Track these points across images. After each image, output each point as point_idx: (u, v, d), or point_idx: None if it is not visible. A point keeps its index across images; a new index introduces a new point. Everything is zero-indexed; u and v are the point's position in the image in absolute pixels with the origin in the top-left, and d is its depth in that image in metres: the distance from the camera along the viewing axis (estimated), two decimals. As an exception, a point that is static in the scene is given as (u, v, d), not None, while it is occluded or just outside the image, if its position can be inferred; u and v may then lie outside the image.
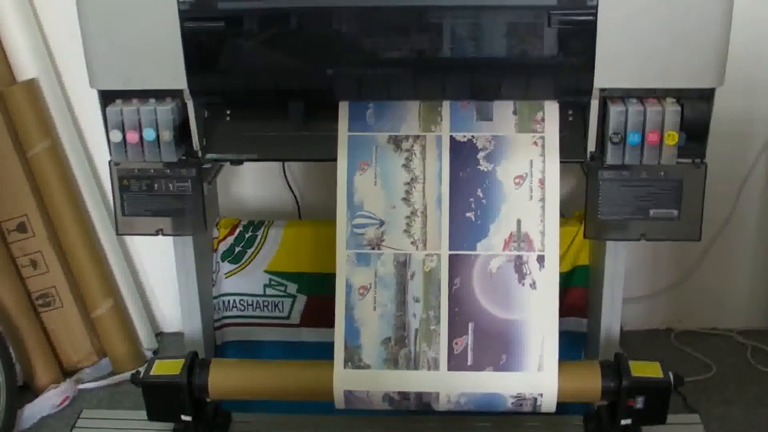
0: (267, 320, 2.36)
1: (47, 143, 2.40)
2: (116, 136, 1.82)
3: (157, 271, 2.73)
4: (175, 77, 1.77)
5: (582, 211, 1.91)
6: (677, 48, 1.69)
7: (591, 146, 1.81)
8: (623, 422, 1.88)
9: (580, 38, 1.69)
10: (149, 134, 1.81)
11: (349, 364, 1.86)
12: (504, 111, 1.85)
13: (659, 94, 1.76)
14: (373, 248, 1.86)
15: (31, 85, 2.37)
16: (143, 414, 1.98)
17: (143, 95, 1.82)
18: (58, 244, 2.48)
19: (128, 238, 2.69)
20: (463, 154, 1.85)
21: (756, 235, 2.59)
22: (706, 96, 1.74)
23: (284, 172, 2.54)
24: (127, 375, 2.43)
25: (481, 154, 1.84)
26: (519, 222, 1.84)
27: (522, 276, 1.84)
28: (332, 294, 1.88)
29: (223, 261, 2.32)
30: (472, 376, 1.83)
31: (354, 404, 1.88)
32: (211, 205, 2.14)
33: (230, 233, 2.31)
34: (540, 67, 1.75)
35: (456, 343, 1.84)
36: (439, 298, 1.84)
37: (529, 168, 1.84)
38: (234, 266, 2.32)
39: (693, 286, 2.65)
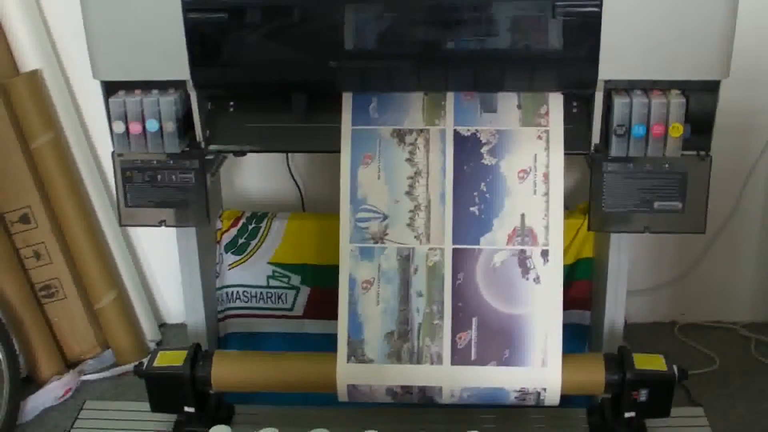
0: (270, 312, 2.35)
1: (50, 135, 2.39)
2: (119, 127, 1.82)
3: (161, 263, 2.73)
4: (179, 68, 1.77)
5: (586, 203, 1.91)
6: (682, 40, 1.68)
7: (595, 138, 1.81)
8: (627, 415, 1.89)
9: (585, 30, 1.69)
10: (152, 125, 1.80)
11: (353, 358, 1.86)
12: (508, 105, 1.84)
13: (664, 86, 1.75)
14: (377, 242, 1.86)
15: (34, 77, 2.37)
16: (146, 405, 1.99)
17: (146, 86, 1.82)
18: (62, 235, 2.48)
19: (131, 230, 2.69)
20: (467, 148, 1.84)
21: (761, 228, 2.58)
22: (711, 88, 1.74)
23: (288, 164, 2.53)
24: (130, 366, 2.43)
25: (485, 148, 1.84)
26: (523, 216, 1.83)
27: (526, 270, 1.83)
28: (336, 286, 1.88)
29: (226, 252, 2.32)
30: (476, 371, 1.83)
31: (357, 398, 1.89)
32: (214, 197, 2.13)
33: (233, 225, 2.31)
34: (544, 59, 1.74)
35: (459, 338, 1.84)
36: (442, 293, 1.84)
37: (533, 162, 1.83)
38: (237, 258, 2.32)
39: (697, 279, 2.65)
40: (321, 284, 2.30)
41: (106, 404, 2.29)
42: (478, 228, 1.84)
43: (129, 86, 1.82)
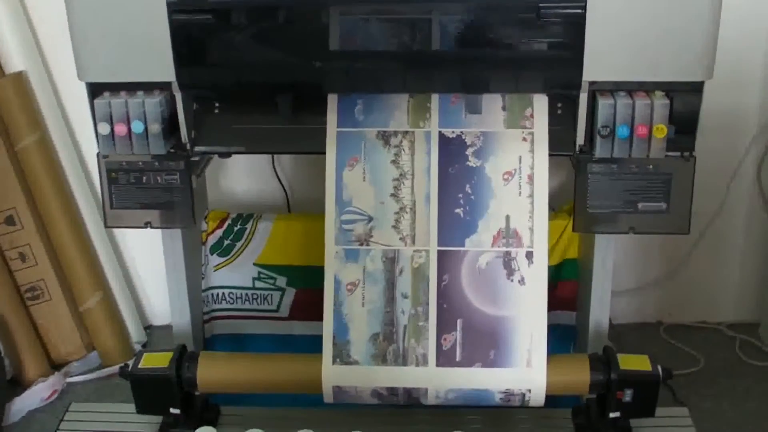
0: (256, 313, 2.35)
1: (36, 136, 2.39)
2: (104, 128, 1.81)
3: (146, 264, 2.73)
4: (164, 70, 1.77)
5: (571, 204, 1.91)
6: (666, 41, 1.69)
7: (580, 139, 1.81)
8: (612, 415, 1.89)
9: (569, 31, 1.69)
10: (137, 127, 1.80)
11: (338, 359, 1.86)
12: (493, 107, 1.84)
13: (648, 88, 1.75)
14: (362, 244, 1.86)
15: (20, 78, 2.36)
16: (132, 407, 1.99)
17: (131, 88, 1.81)
18: (47, 237, 2.47)
19: (117, 231, 2.68)
20: (451, 150, 1.84)
21: (745, 228, 2.59)
22: (695, 89, 1.74)
23: (273, 165, 2.53)
24: (115, 368, 2.42)
25: (469, 150, 1.84)
26: (508, 218, 1.83)
27: (511, 272, 1.83)
28: (321, 287, 1.87)
29: (212, 254, 2.31)
30: (461, 372, 1.83)
31: (343, 399, 1.89)
32: (200, 198, 2.13)
33: (219, 226, 2.31)
34: (529, 60, 1.75)
35: (444, 339, 1.84)
36: (427, 294, 1.84)
37: (517, 164, 1.83)
38: (223, 259, 2.32)
39: (682, 280, 2.65)
40: (307, 285, 2.29)
41: (92, 406, 2.28)
42: (463, 230, 1.84)
43: (114, 88, 1.82)
